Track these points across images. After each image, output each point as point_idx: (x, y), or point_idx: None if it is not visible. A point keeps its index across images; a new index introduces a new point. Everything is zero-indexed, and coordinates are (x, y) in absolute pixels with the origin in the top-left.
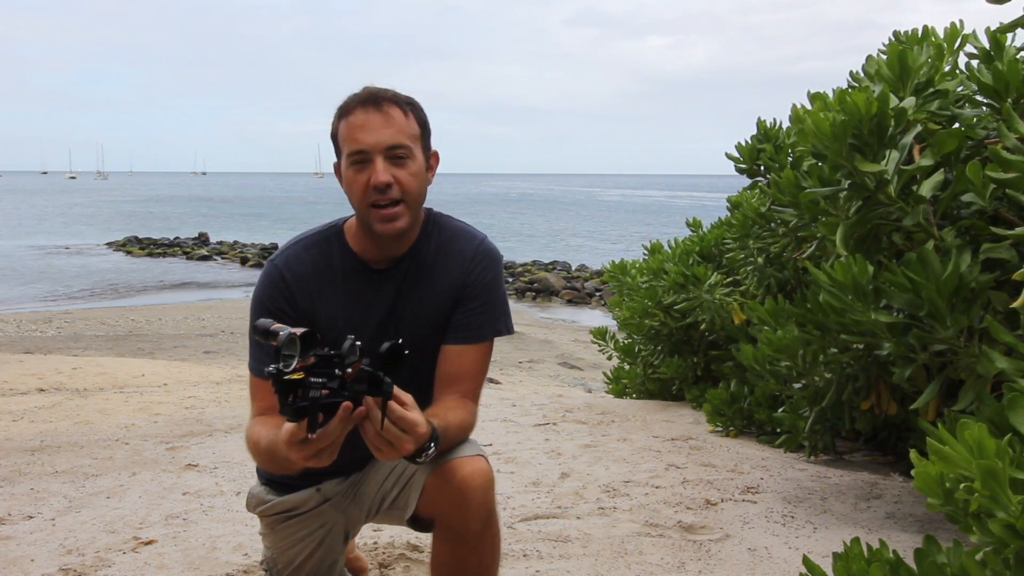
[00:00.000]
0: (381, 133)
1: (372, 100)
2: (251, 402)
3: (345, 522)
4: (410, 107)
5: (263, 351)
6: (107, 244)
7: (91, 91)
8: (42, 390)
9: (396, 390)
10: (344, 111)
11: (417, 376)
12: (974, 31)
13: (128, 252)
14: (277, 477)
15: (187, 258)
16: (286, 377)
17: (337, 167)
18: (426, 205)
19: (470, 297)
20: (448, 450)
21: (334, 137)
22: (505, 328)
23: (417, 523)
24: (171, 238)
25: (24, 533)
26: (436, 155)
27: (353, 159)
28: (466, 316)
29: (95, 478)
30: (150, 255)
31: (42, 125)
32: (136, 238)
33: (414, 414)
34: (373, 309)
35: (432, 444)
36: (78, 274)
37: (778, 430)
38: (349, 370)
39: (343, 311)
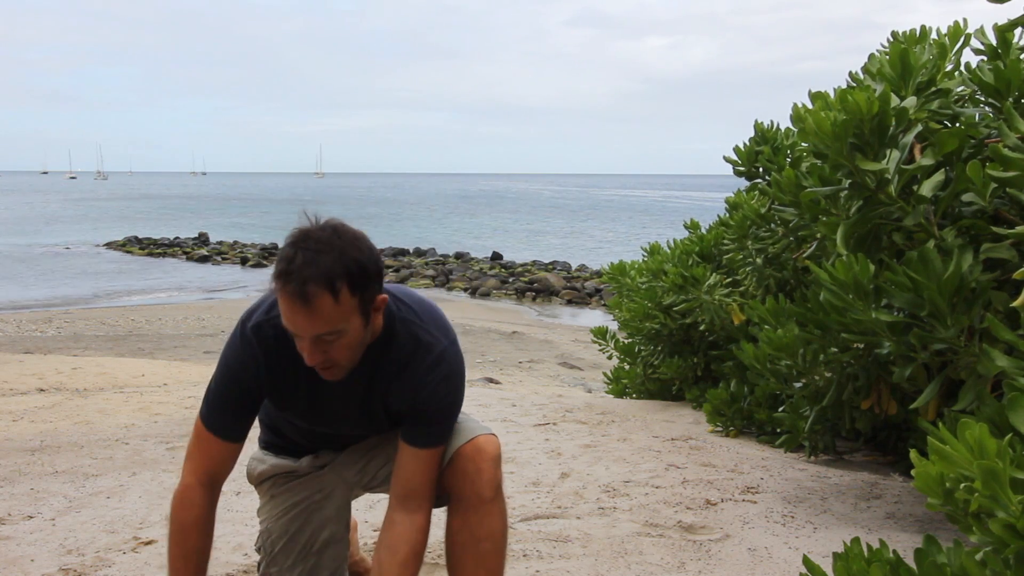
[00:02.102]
0: (307, 328)
1: (298, 294)
2: (191, 453)
3: (344, 489)
4: (343, 281)
5: (223, 404)
6: (107, 244)
7: (91, 91)
8: (42, 390)
9: None
10: (275, 280)
11: (380, 431)
12: (981, 27)
13: (128, 252)
14: (275, 441)
15: (187, 258)
16: None
17: None
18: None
19: (425, 410)
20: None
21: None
22: (447, 438)
23: None
24: (171, 238)
25: (24, 533)
26: (384, 299)
27: (287, 328)
28: (420, 425)
29: (95, 478)
30: (150, 255)
31: (42, 125)
32: (136, 238)
33: None
34: (331, 401)
35: None
36: (78, 274)
37: (778, 430)
38: None
39: (304, 396)
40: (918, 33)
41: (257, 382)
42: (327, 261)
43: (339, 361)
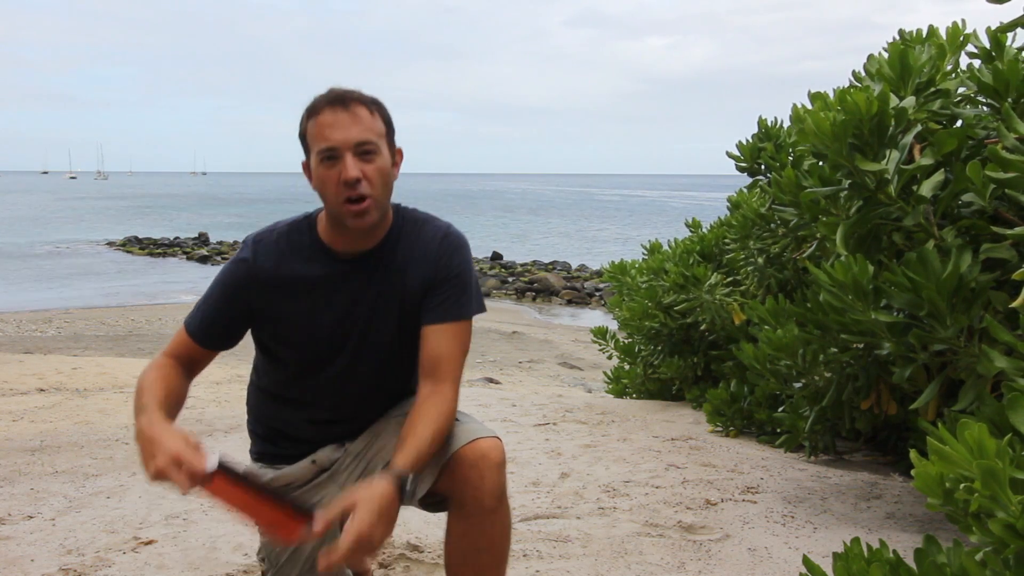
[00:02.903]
0: (349, 131)
1: (339, 100)
2: (168, 346)
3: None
4: (375, 106)
5: (206, 308)
6: (107, 244)
7: (91, 91)
8: (42, 390)
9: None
10: (312, 111)
11: (383, 368)
12: (975, 31)
13: (128, 252)
14: (269, 451)
15: (187, 258)
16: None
17: (306, 165)
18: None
19: (442, 280)
20: (451, 439)
21: (303, 136)
22: (478, 307)
23: (426, 501)
24: (171, 238)
25: (24, 533)
26: (400, 152)
27: (323, 156)
28: (439, 298)
29: (95, 478)
30: (150, 255)
31: (42, 125)
32: (136, 238)
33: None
34: (336, 299)
35: (403, 493)
36: (78, 274)
37: (778, 430)
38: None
39: (306, 298)
40: (925, 34)
41: (248, 288)
42: (359, 91)
43: (373, 182)
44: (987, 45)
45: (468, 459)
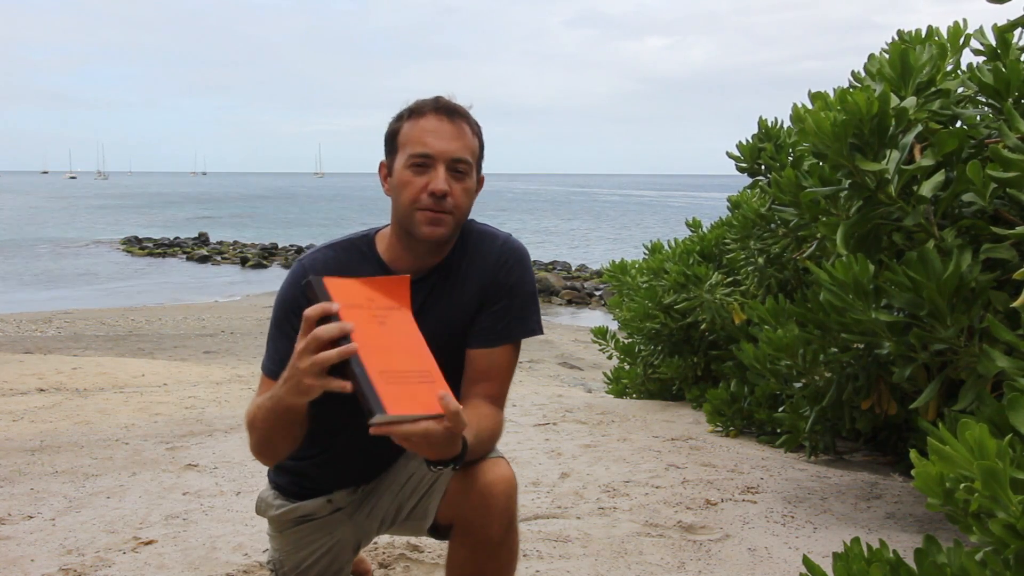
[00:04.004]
0: (450, 144)
1: (447, 110)
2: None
3: (356, 534)
4: (477, 128)
5: (276, 345)
6: (107, 244)
7: (91, 91)
8: (42, 390)
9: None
10: (414, 112)
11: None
12: (980, 27)
13: (128, 252)
14: (286, 484)
15: (187, 258)
16: None
17: (384, 166)
18: None
19: (494, 298)
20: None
21: (393, 136)
22: (533, 328)
23: (436, 531)
24: (171, 238)
25: (24, 533)
26: (482, 180)
27: (415, 160)
28: (490, 318)
29: (95, 478)
30: (150, 255)
31: (42, 125)
32: (136, 238)
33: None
34: None
35: (456, 462)
36: (78, 273)
37: (778, 430)
38: None
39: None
40: (924, 34)
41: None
42: (465, 108)
43: (459, 201)
44: (993, 43)
45: (475, 486)
